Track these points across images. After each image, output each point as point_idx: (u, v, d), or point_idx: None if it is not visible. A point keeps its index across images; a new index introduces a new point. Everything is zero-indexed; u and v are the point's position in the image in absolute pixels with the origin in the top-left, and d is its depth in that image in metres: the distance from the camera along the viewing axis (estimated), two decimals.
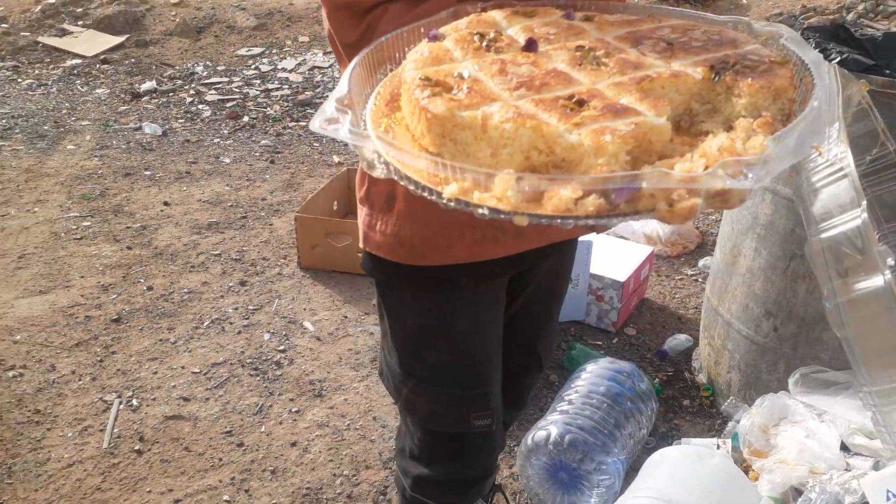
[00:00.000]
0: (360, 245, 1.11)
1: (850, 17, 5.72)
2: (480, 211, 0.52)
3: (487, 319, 1.15)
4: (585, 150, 0.52)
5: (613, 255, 2.41)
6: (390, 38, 0.76)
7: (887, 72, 1.64)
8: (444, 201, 0.53)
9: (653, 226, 2.91)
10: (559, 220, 0.49)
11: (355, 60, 0.71)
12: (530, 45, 0.70)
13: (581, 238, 2.34)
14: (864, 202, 0.50)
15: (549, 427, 1.64)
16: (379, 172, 0.57)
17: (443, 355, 1.13)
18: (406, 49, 0.77)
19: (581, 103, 0.57)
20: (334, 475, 1.81)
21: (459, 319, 1.11)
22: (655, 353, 2.28)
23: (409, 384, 1.16)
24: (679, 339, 2.32)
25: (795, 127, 0.52)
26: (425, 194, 0.55)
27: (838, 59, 1.57)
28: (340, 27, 0.92)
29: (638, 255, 2.43)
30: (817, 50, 1.65)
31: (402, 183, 0.57)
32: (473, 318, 1.13)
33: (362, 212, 1.09)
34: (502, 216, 0.50)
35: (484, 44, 0.71)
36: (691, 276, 2.72)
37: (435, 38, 0.75)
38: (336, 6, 0.92)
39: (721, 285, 1.99)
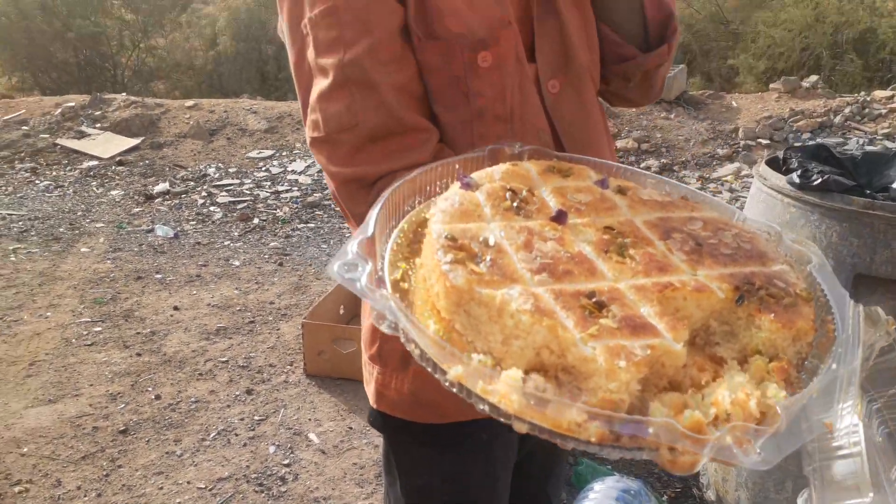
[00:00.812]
0: (373, 405, 1.09)
1: (837, 119, 5.96)
2: (481, 406, 0.51)
3: (500, 473, 1.14)
4: (598, 367, 0.52)
5: None
6: (422, 173, 0.75)
7: (867, 191, 1.72)
8: (447, 383, 0.53)
9: None
10: (559, 438, 0.49)
11: (384, 196, 0.70)
12: (560, 217, 0.69)
13: None
14: (872, 494, 0.50)
15: None
16: (386, 328, 0.57)
17: None
18: (438, 183, 0.75)
19: (601, 306, 0.57)
20: None
21: (475, 475, 1.10)
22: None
23: None
24: None
25: (810, 391, 0.51)
26: (429, 368, 0.55)
27: (819, 179, 1.65)
28: (350, 199, 0.91)
29: None
30: (799, 172, 1.74)
31: (408, 347, 0.56)
32: (489, 473, 1.12)
33: (374, 370, 1.06)
34: (502, 419, 0.51)
35: (515, 203, 0.70)
36: None
37: (468, 186, 0.73)
38: (345, 181, 0.91)
39: None
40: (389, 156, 0.88)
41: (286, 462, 2.28)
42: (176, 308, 3.39)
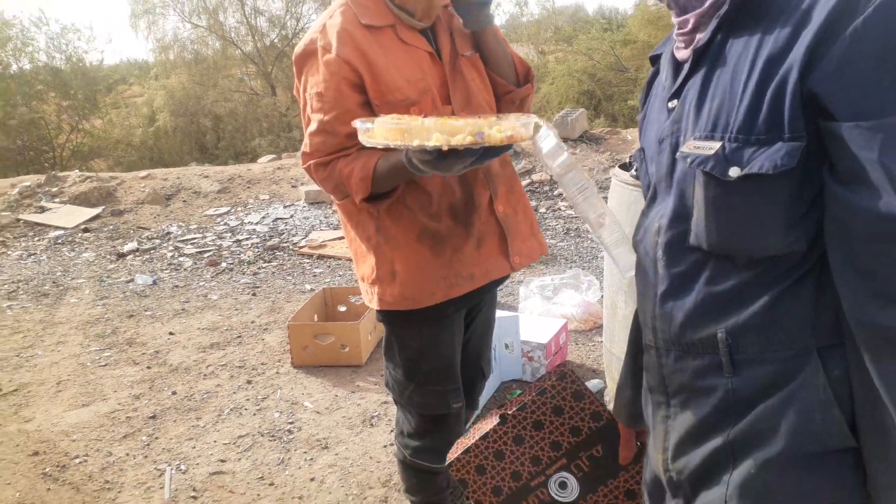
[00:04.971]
0: (376, 308, 1.75)
1: None
2: (427, 145, 1.16)
3: (457, 338, 1.85)
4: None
5: (537, 327, 3.20)
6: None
7: None
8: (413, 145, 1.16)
9: (568, 309, 3.73)
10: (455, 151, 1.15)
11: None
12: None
13: (509, 314, 3.11)
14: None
15: None
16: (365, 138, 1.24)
17: (434, 365, 1.80)
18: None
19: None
20: (347, 495, 2.42)
21: (443, 340, 1.79)
22: None
23: (410, 387, 1.82)
24: (593, 383, 3.07)
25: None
26: (401, 145, 1.18)
27: None
28: (317, 173, 1.59)
29: (555, 325, 3.23)
30: (635, 168, 2.56)
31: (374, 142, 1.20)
32: (450, 338, 1.81)
33: (374, 289, 1.73)
34: (435, 147, 1.13)
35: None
36: (600, 341, 3.52)
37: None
38: (315, 165, 1.57)
39: (609, 332, 2.80)
40: (334, 154, 1.60)
41: (290, 421, 2.92)
42: (171, 333, 3.98)
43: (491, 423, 1.48)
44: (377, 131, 1.18)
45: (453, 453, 1.50)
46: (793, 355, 0.89)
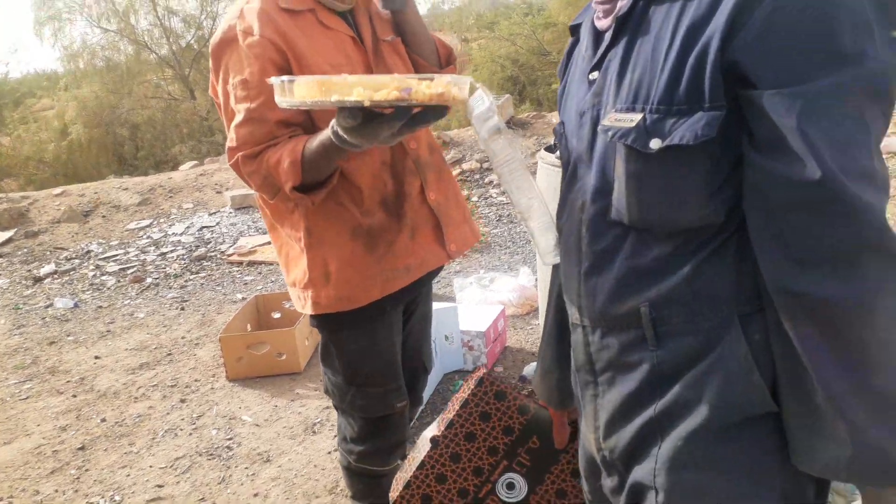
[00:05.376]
0: (310, 313, 1.68)
1: None
2: (350, 99, 1.00)
3: (394, 337, 1.80)
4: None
5: (475, 316, 3.19)
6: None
7: None
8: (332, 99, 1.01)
9: (505, 295, 3.74)
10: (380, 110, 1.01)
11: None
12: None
13: (447, 305, 3.08)
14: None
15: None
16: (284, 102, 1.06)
17: (375, 365, 1.75)
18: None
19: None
20: None
21: (383, 339, 1.74)
22: (518, 378, 3.02)
23: (351, 391, 1.76)
24: (533, 366, 3.08)
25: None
26: (323, 98, 1.01)
27: None
28: (245, 166, 1.49)
29: (492, 312, 3.22)
30: (559, 150, 2.56)
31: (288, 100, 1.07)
32: (389, 337, 1.76)
33: (307, 293, 1.65)
34: (357, 103, 0.99)
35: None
36: (538, 324, 3.53)
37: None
38: (243, 158, 1.48)
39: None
40: (264, 144, 1.52)
41: (229, 437, 2.82)
42: (97, 357, 3.79)
43: (423, 450, 1.45)
44: (295, 88, 1.08)
45: (395, 491, 1.47)
46: (715, 324, 0.89)
